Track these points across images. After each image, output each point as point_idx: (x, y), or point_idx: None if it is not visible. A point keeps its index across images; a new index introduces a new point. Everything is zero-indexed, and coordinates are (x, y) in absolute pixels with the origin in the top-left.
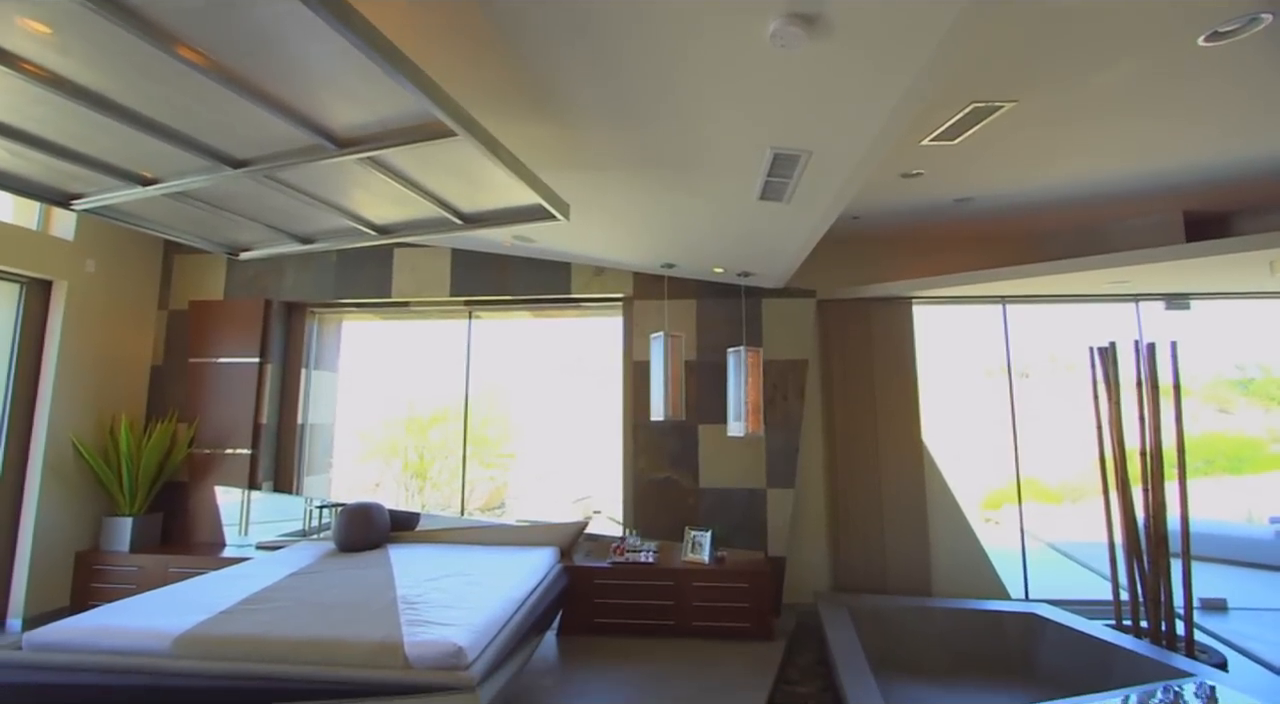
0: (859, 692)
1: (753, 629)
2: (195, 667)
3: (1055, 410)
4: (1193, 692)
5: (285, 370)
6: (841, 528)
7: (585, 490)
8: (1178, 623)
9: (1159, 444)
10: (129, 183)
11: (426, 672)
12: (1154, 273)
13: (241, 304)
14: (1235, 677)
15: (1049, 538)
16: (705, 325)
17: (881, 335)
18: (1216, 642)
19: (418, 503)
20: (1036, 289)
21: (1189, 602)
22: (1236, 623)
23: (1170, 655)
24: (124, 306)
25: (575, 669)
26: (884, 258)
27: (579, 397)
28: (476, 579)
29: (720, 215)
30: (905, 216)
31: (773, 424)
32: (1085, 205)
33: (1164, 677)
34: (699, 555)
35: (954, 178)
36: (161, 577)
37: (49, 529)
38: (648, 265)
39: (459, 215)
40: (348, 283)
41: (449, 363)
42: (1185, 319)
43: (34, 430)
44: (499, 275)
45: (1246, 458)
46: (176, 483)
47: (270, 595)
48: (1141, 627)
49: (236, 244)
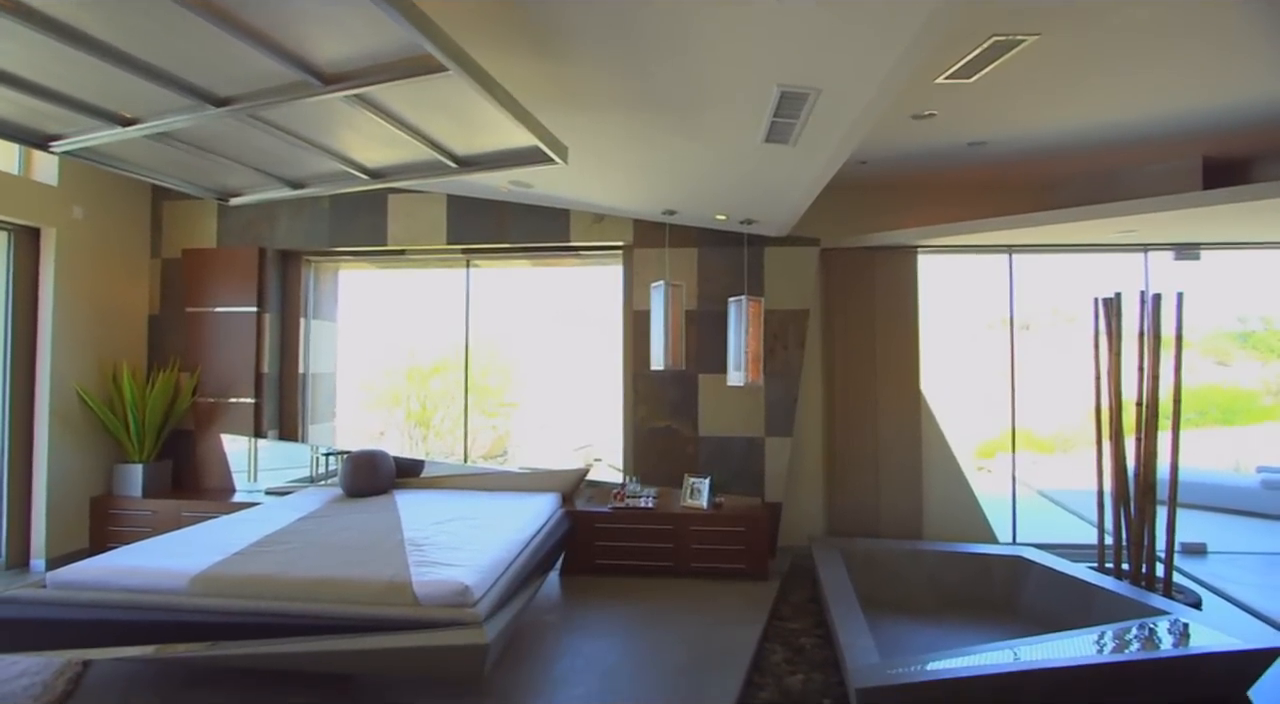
0: (848, 627)
1: (748, 570)
2: (212, 604)
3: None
4: (1166, 628)
5: (284, 320)
6: (837, 475)
7: (586, 439)
8: (1158, 566)
9: (1156, 395)
10: (108, 123)
11: (434, 609)
12: (1166, 221)
13: (236, 252)
14: (1208, 615)
15: (1039, 485)
16: (706, 274)
17: (885, 285)
18: (1193, 583)
19: (421, 451)
20: (1045, 238)
21: (1170, 546)
22: (1214, 566)
23: (1148, 595)
24: (115, 254)
25: (577, 606)
26: (890, 206)
27: (579, 346)
28: (481, 523)
29: (724, 159)
30: (915, 162)
31: (772, 374)
32: (1101, 150)
33: (1141, 615)
34: (698, 501)
35: (968, 119)
36: (175, 520)
37: (62, 475)
38: (649, 212)
39: (453, 158)
40: (342, 231)
41: (448, 312)
42: (1192, 270)
43: (37, 379)
44: (496, 223)
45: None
46: (183, 431)
47: (282, 538)
48: (1123, 569)
49: (225, 189)
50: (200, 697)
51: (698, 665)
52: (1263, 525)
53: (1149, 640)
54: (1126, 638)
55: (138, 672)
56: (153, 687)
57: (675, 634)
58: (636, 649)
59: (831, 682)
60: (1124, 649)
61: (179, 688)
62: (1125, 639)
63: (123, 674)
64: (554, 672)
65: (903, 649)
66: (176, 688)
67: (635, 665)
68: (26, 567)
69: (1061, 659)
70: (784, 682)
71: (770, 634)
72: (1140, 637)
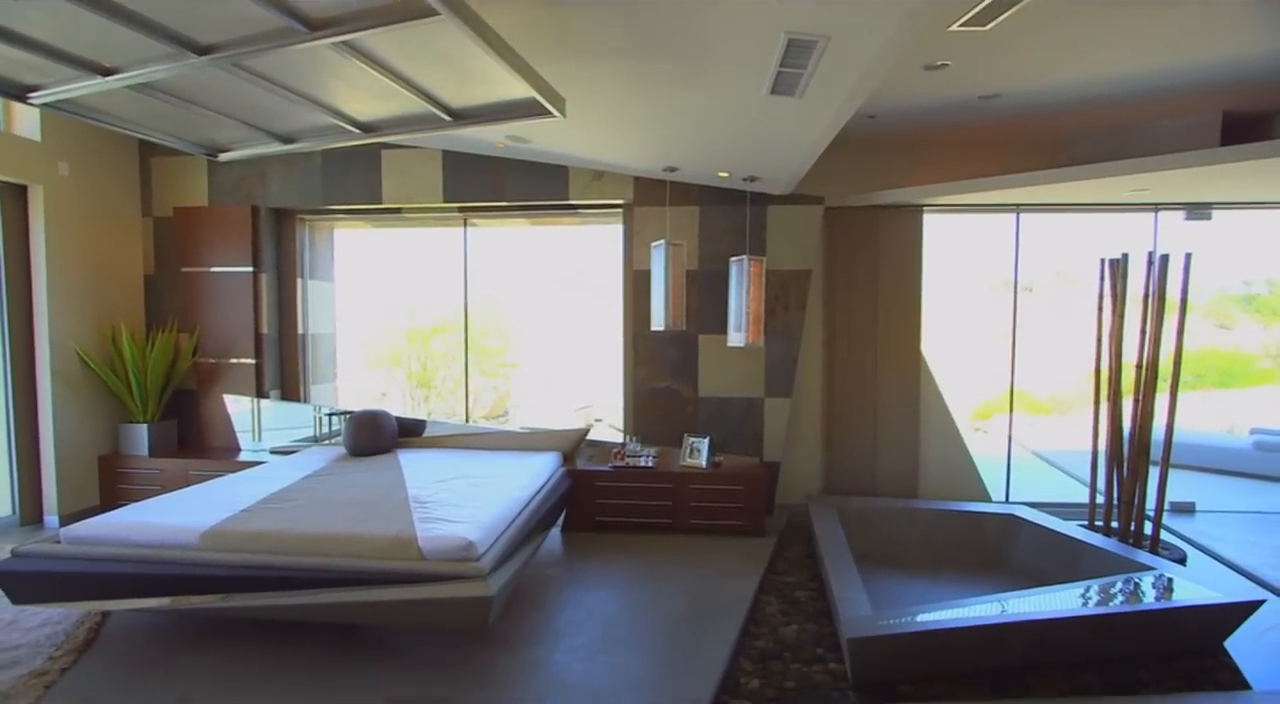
0: (842, 580)
1: (746, 527)
2: (223, 558)
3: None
4: (1150, 582)
5: (281, 280)
6: (835, 435)
7: (587, 399)
8: (1147, 524)
9: (1156, 357)
10: (87, 73)
11: (439, 563)
12: (1180, 180)
13: (228, 210)
14: (1192, 570)
15: (1034, 446)
16: (708, 233)
17: (889, 245)
18: (1180, 540)
19: (423, 412)
20: (1054, 197)
21: (1160, 505)
22: (1201, 524)
23: (1135, 552)
24: (106, 213)
25: (579, 561)
26: (897, 164)
27: (579, 306)
28: (483, 481)
29: (727, 113)
30: (925, 116)
31: (773, 334)
32: (1118, 104)
33: (1127, 570)
34: (697, 460)
35: (982, 70)
36: (183, 478)
37: (68, 434)
38: (649, 169)
39: (447, 111)
40: (336, 188)
41: (446, 273)
42: (1201, 231)
43: (36, 339)
44: (493, 180)
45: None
46: (185, 391)
47: (288, 495)
48: (1112, 527)
49: (214, 144)
50: (216, 645)
51: (696, 616)
52: (1253, 485)
53: (1133, 594)
54: (1111, 592)
55: (155, 622)
56: (170, 636)
57: (675, 587)
58: (637, 601)
59: (825, 632)
60: (1108, 602)
61: (195, 637)
62: (1110, 593)
63: (141, 624)
64: (557, 622)
65: (894, 602)
66: (193, 637)
67: (636, 616)
68: (40, 523)
69: (1047, 611)
70: (779, 632)
71: (766, 587)
72: (1125, 591)
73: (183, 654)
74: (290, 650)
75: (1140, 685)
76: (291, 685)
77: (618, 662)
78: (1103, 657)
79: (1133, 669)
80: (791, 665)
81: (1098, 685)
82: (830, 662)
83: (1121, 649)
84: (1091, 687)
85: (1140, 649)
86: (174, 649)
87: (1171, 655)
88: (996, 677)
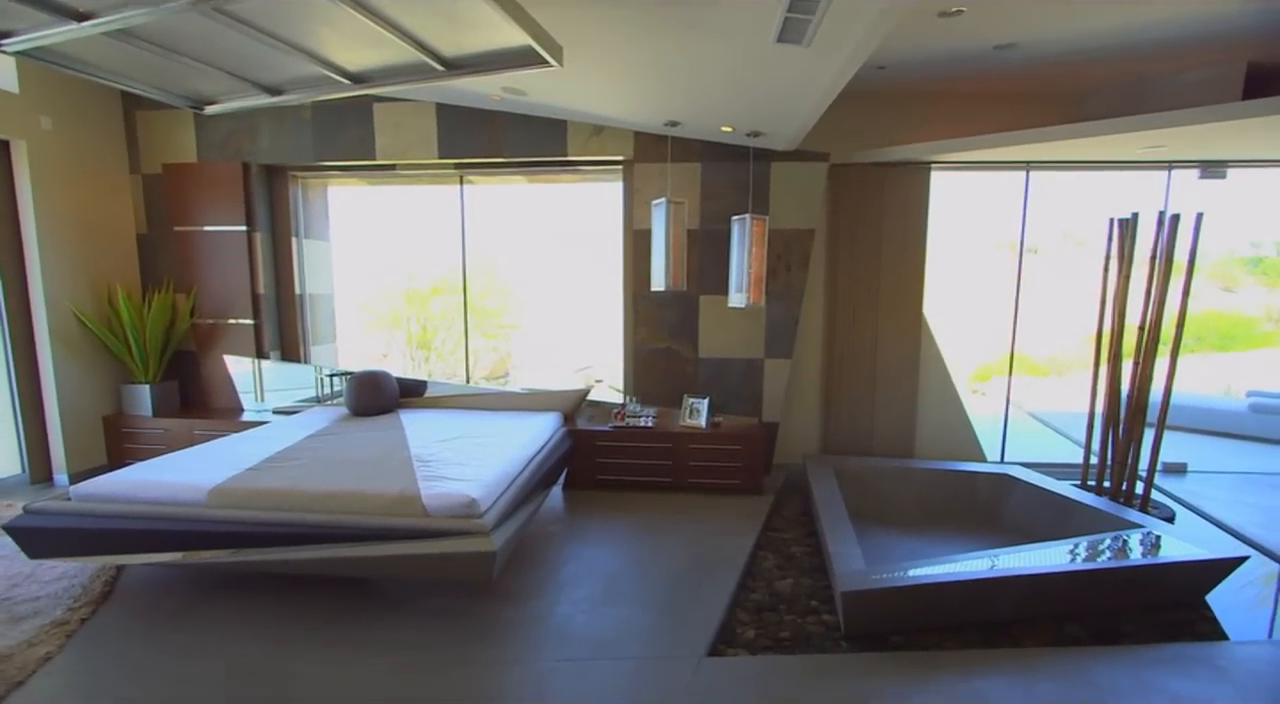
0: (837, 536)
1: (744, 485)
2: (231, 514)
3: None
4: (1138, 539)
5: (275, 239)
6: (834, 396)
7: (587, 360)
8: (1139, 484)
9: (1159, 319)
10: (61, 18)
11: (443, 519)
12: (1198, 135)
13: (218, 167)
14: (1180, 528)
15: (1030, 407)
16: (710, 191)
17: (895, 204)
18: (1170, 500)
19: (424, 373)
20: (1066, 154)
21: (1153, 465)
22: (1192, 484)
23: (1124, 510)
24: (92, 169)
25: (580, 518)
26: (906, 120)
27: (579, 267)
28: (485, 440)
29: (731, 63)
30: (936, 67)
31: (774, 295)
32: (1137, 56)
33: (1116, 528)
34: (696, 421)
35: (997, 18)
36: (188, 438)
37: (71, 395)
38: (650, 124)
39: (440, 61)
40: (328, 144)
41: (444, 232)
42: (1212, 190)
43: (32, 300)
44: (490, 135)
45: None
46: (185, 352)
47: (293, 454)
48: (1104, 487)
49: (199, 96)
50: (230, 597)
51: (694, 570)
52: (1246, 447)
53: (1120, 551)
54: (1099, 548)
55: (169, 575)
56: (185, 588)
57: (674, 543)
58: (637, 556)
59: (819, 586)
60: (1095, 558)
61: (210, 590)
62: (1097, 549)
63: (156, 578)
64: (559, 576)
65: (887, 558)
66: (208, 590)
67: (636, 570)
68: (50, 482)
69: (1034, 566)
70: (774, 585)
71: (763, 543)
72: (1112, 547)
73: (199, 605)
74: (302, 601)
75: (1122, 637)
76: (305, 633)
77: (619, 613)
78: (1088, 610)
79: (1115, 621)
80: (786, 617)
81: (1081, 636)
82: (824, 614)
83: (1107, 603)
84: (1075, 637)
85: (1125, 603)
86: (190, 601)
87: (1154, 608)
88: (984, 628)
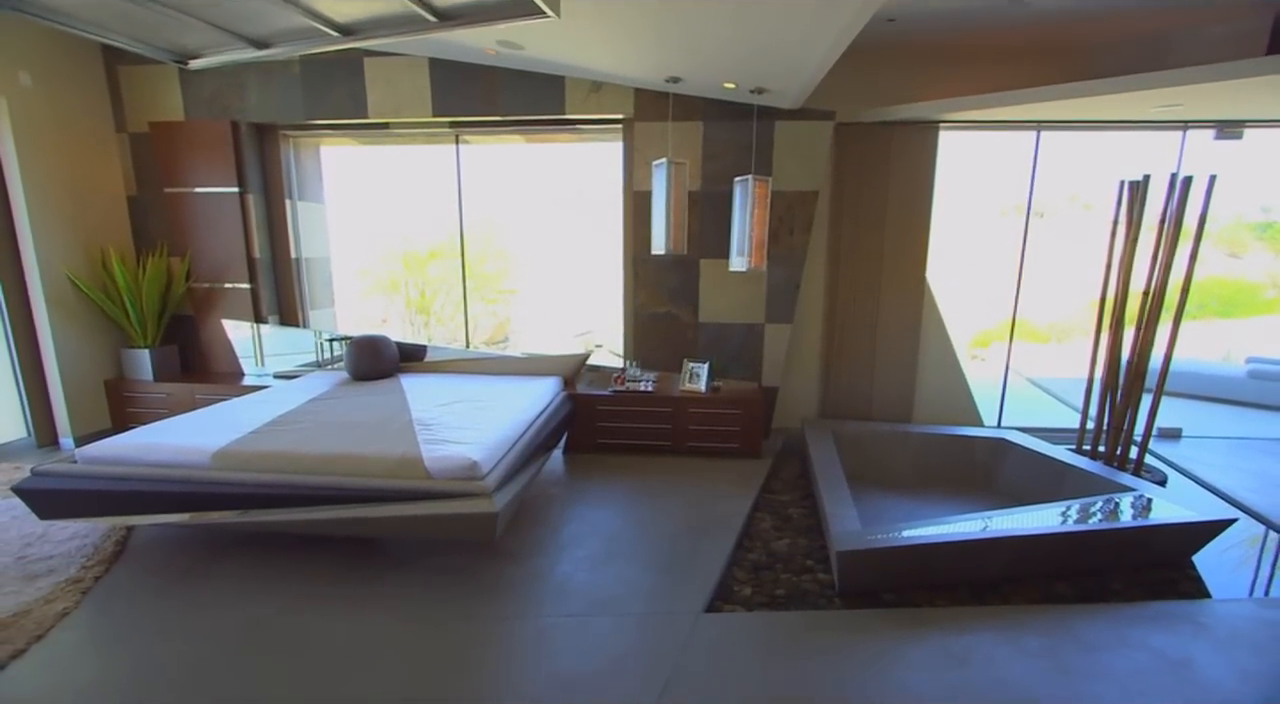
0: (833, 498)
1: (743, 449)
2: (235, 477)
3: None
4: (1129, 502)
5: (269, 201)
6: (834, 361)
7: (587, 325)
8: (1133, 449)
9: (1164, 285)
10: None
11: (446, 481)
12: (1217, 93)
13: (207, 126)
14: (1171, 492)
15: (1029, 373)
16: (712, 151)
17: (901, 165)
18: (1163, 464)
19: (424, 337)
20: (1078, 113)
21: (1148, 430)
22: (1186, 448)
23: (1117, 474)
24: (77, 128)
25: (580, 480)
26: (914, 77)
27: (578, 230)
28: (485, 404)
29: (736, 13)
30: (948, 21)
31: (776, 259)
32: (1160, 8)
33: (1108, 491)
34: (696, 385)
35: None
36: (190, 402)
37: (71, 360)
38: (651, 80)
39: (432, 10)
40: (318, 101)
41: (440, 194)
42: (1225, 152)
43: (24, 264)
44: (485, 92)
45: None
46: (183, 317)
47: (295, 418)
48: (1099, 451)
49: (183, 49)
50: (239, 556)
51: (693, 531)
52: (1243, 412)
53: (1111, 513)
54: (1090, 511)
55: (179, 535)
56: (196, 547)
57: (673, 504)
58: (636, 517)
59: (815, 546)
60: (1085, 520)
61: (219, 548)
62: (1088, 511)
63: (166, 537)
64: (560, 536)
65: (883, 519)
66: (218, 548)
67: (635, 530)
68: (56, 445)
69: (1025, 527)
70: (771, 545)
71: (761, 505)
72: (1103, 510)
73: (210, 564)
74: (310, 559)
75: (1109, 595)
76: (313, 589)
77: (619, 572)
78: (1078, 570)
79: (1103, 581)
80: (782, 576)
81: (1069, 595)
82: (819, 572)
83: (1096, 563)
84: (1064, 596)
85: (1114, 563)
86: (201, 559)
87: (1142, 568)
88: (975, 587)
